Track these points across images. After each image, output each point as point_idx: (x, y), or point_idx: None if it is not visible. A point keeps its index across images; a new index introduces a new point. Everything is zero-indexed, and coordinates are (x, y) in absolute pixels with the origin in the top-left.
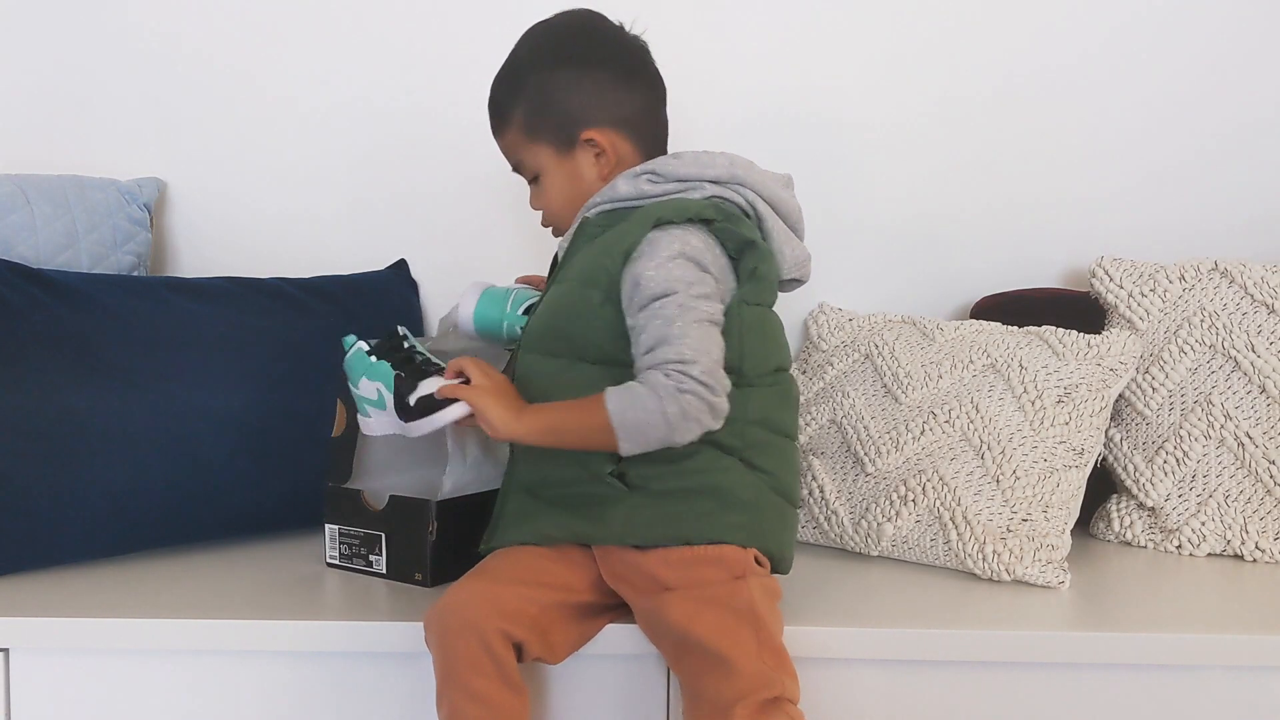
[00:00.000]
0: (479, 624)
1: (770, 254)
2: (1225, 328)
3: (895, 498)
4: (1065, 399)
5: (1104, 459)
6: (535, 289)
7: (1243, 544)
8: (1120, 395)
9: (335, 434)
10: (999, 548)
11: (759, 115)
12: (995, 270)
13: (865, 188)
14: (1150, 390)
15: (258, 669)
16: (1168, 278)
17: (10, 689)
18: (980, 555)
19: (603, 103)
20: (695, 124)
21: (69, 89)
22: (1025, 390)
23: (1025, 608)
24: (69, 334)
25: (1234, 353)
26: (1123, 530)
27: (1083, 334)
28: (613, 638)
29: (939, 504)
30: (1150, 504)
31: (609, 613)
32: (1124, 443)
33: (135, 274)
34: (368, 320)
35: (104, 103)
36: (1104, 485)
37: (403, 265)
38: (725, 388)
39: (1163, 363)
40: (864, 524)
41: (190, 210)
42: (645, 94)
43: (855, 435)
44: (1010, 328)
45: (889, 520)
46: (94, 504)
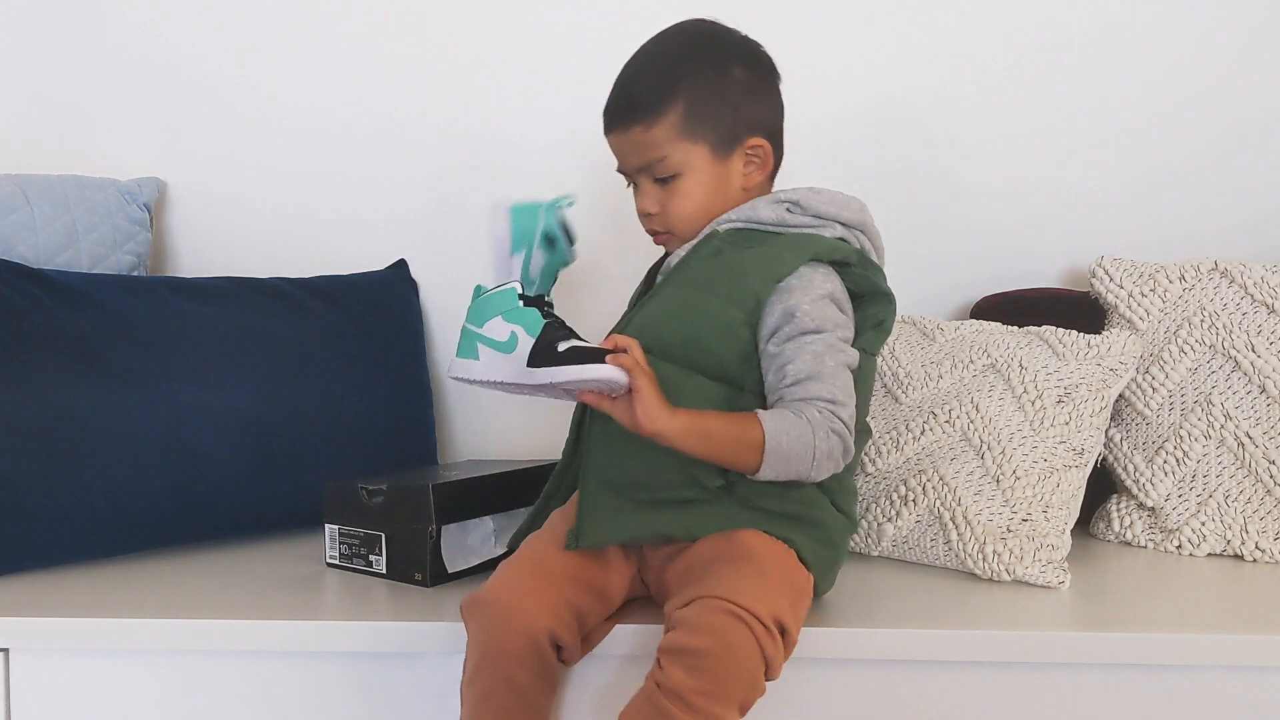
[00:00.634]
0: (533, 625)
1: (894, 306)
2: (1225, 328)
3: (895, 498)
4: (1065, 399)
5: (1104, 459)
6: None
7: (1243, 544)
8: (1120, 395)
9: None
10: (999, 548)
11: None
12: (995, 270)
13: (863, 188)
14: (1150, 390)
15: (258, 669)
16: (1168, 278)
17: (10, 689)
18: (980, 555)
19: (771, 110)
20: None
21: (69, 89)
22: (1025, 390)
23: (1025, 608)
24: (69, 334)
25: (1234, 353)
26: (1123, 530)
27: (1083, 334)
28: (612, 638)
29: (939, 504)
30: (1150, 504)
31: (613, 620)
32: (1124, 443)
33: (135, 274)
34: (368, 320)
35: (104, 103)
36: (1104, 485)
37: (403, 265)
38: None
39: (1163, 363)
40: (864, 524)
41: (190, 210)
42: (782, 110)
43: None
44: (1010, 328)
45: (889, 520)
46: (94, 504)
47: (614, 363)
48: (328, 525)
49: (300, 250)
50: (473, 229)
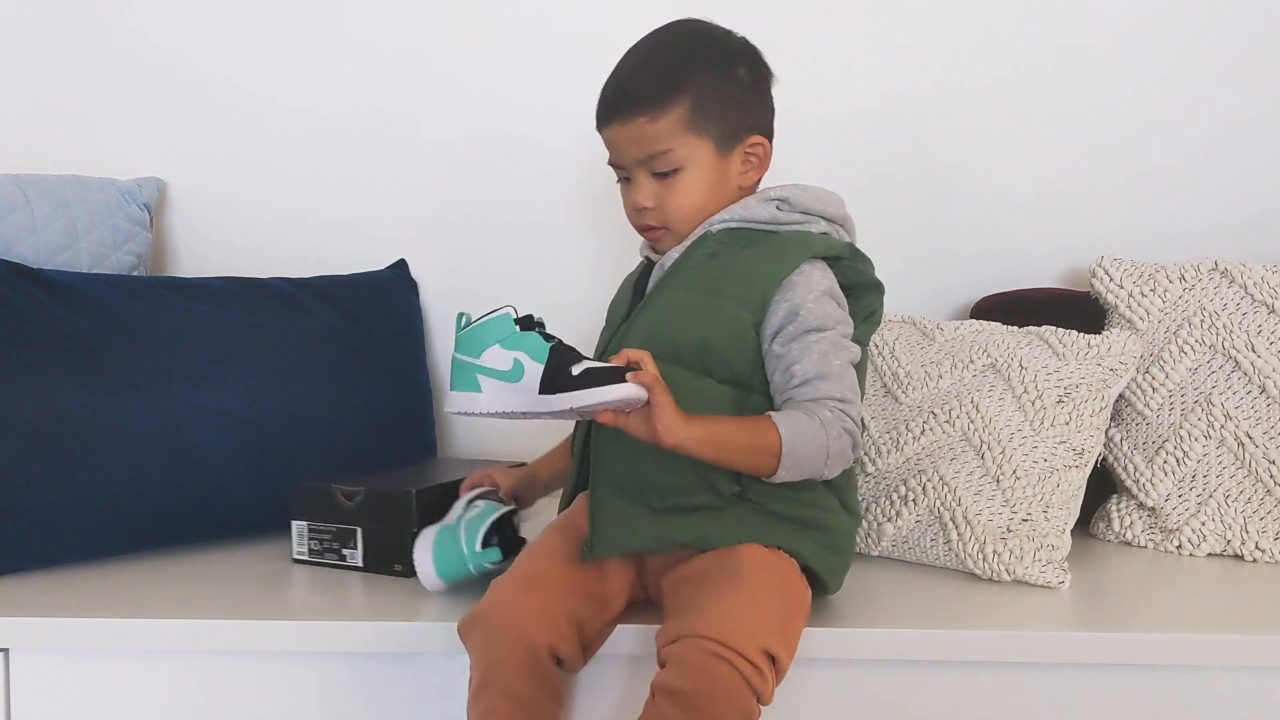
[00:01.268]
0: (531, 638)
1: (883, 296)
2: (1225, 328)
3: (895, 498)
4: (1065, 399)
5: (1104, 459)
6: (488, 491)
7: (1243, 544)
8: (1120, 395)
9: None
10: (999, 548)
11: None
12: (995, 270)
13: (865, 188)
14: (1150, 390)
15: (257, 669)
16: (1168, 278)
17: (10, 689)
18: (980, 555)
19: (768, 112)
20: None
21: (69, 89)
22: (1025, 390)
23: (1025, 608)
24: (69, 334)
25: (1234, 353)
26: (1123, 530)
27: (1083, 334)
28: (613, 638)
29: (939, 504)
30: (1150, 504)
31: (615, 622)
32: (1124, 443)
33: (135, 274)
34: (368, 320)
35: (104, 103)
36: (1104, 485)
37: (403, 265)
38: None
39: (1163, 363)
40: (864, 524)
41: (190, 210)
42: (774, 113)
43: None
44: (1010, 328)
45: (889, 520)
46: (94, 504)
47: (633, 379)
48: (295, 522)
49: (300, 250)
50: (473, 229)
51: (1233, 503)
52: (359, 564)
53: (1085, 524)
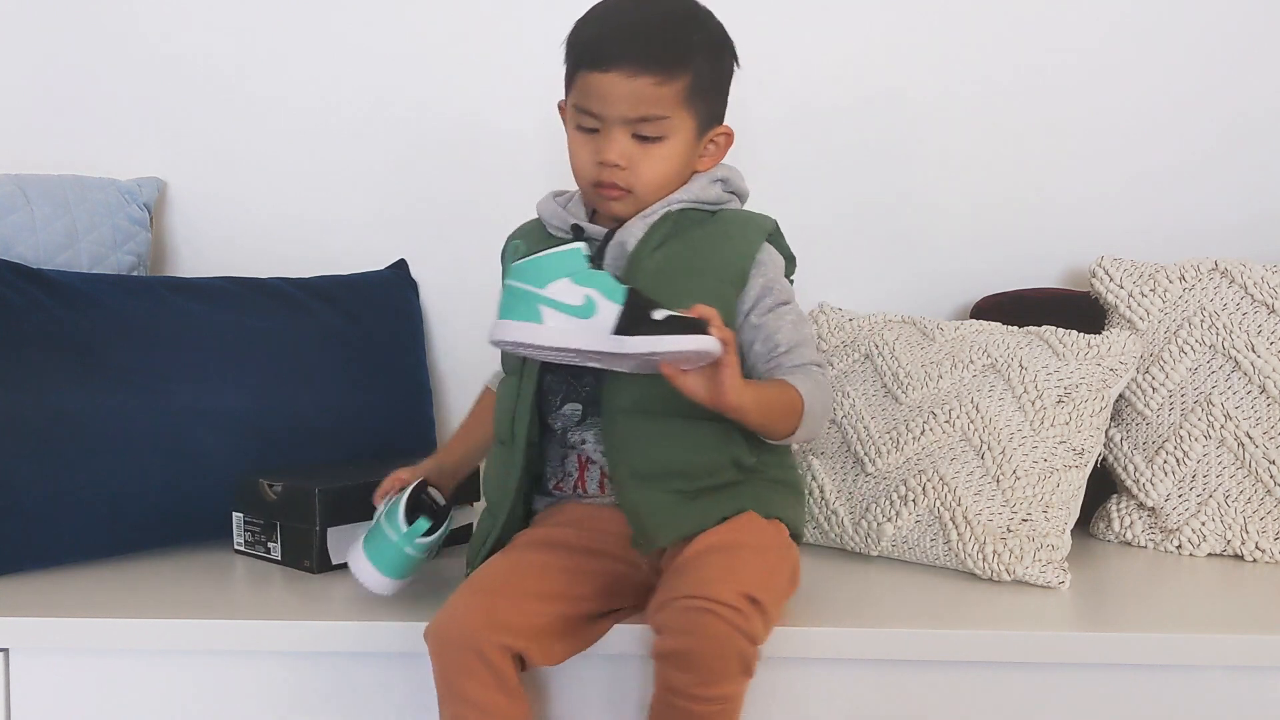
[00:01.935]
0: (475, 637)
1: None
2: (1225, 328)
3: (895, 498)
4: (1065, 399)
5: (1104, 459)
6: (425, 486)
7: (1243, 544)
8: (1120, 395)
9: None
10: (999, 548)
11: (756, 115)
12: (995, 270)
13: (864, 188)
14: (1150, 390)
15: (256, 669)
16: (1168, 278)
17: (10, 689)
18: (980, 555)
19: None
20: None
21: (69, 89)
22: (1025, 390)
23: (1025, 608)
24: (68, 334)
25: (1234, 353)
26: (1123, 530)
27: (1083, 334)
28: (613, 638)
29: (939, 504)
30: (1150, 504)
31: (612, 616)
32: (1124, 443)
33: (135, 274)
34: (368, 320)
35: (104, 103)
36: (1104, 485)
37: (403, 265)
38: None
39: (1163, 363)
40: (864, 524)
41: (190, 210)
42: None
43: (855, 435)
44: (1010, 328)
45: (889, 520)
46: (93, 504)
47: (716, 333)
48: (234, 513)
49: (300, 250)
50: (473, 229)
51: (1233, 503)
52: (278, 558)
53: (1085, 524)
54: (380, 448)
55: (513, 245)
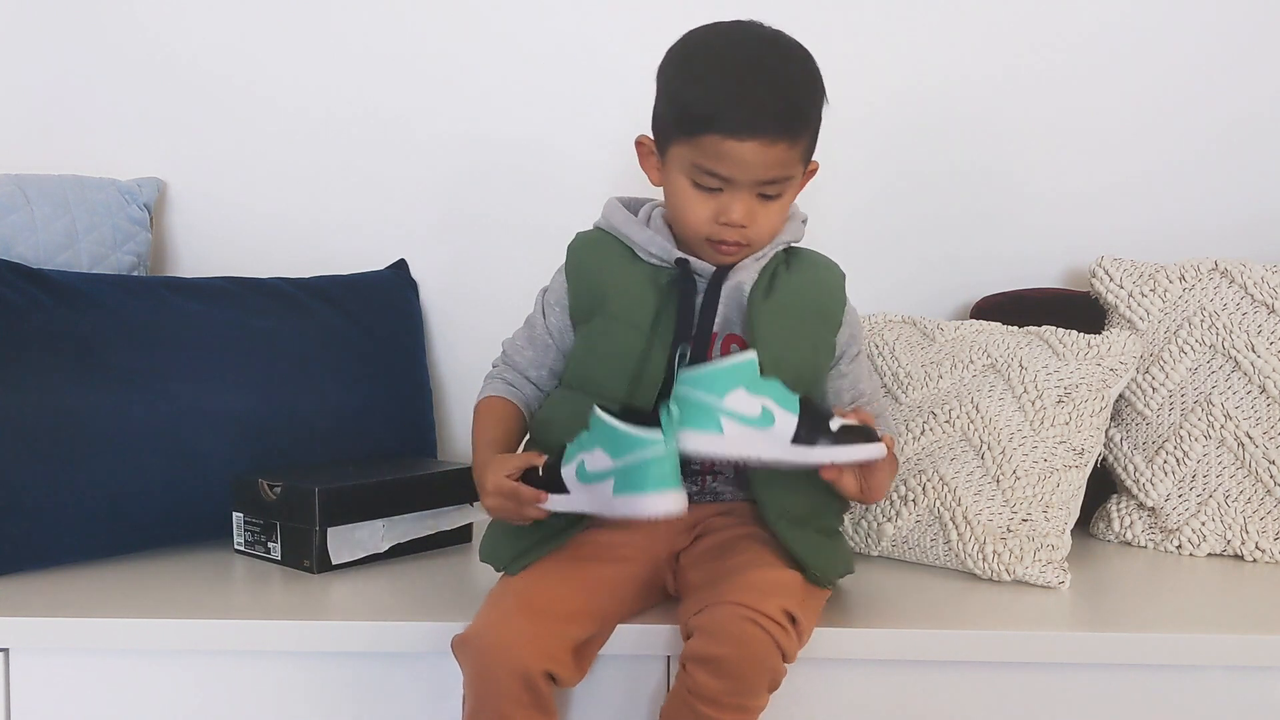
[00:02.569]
0: (523, 663)
1: None
2: (1225, 328)
3: (895, 498)
4: (1065, 399)
5: (1104, 459)
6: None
7: (1243, 544)
8: (1120, 395)
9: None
10: (999, 548)
11: None
12: (995, 270)
13: (864, 188)
14: (1150, 390)
15: (257, 669)
16: (1168, 278)
17: (10, 689)
18: (980, 555)
19: None
20: None
21: (69, 89)
22: (1025, 390)
23: (1025, 608)
24: (69, 334)
25: (1234, 353)
26: (1123, 530)
27: (1083, 334)
28: (613, 638)
29: (939, 504)
30: (1150, 504)
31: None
32: (1124, 443)
33: (135, 274)
34: (368, 320)
35: (104, 103)
36: (1104, 485)
37: (403, 265)
38: None
39: (1163, 363)
40: (864, 524)
41: (190, 210)
42: None
43: None
44: (1010, 328)
45: (889, 520)
46: (93, 504)
47: (885, 442)
48: (234, 513)
49: (300, 250)
50: (473, 229)
51: (1233, 503)
52: (278, 558)
53: (1085, 524)
54: (380, 448)
55: (579, 261)
